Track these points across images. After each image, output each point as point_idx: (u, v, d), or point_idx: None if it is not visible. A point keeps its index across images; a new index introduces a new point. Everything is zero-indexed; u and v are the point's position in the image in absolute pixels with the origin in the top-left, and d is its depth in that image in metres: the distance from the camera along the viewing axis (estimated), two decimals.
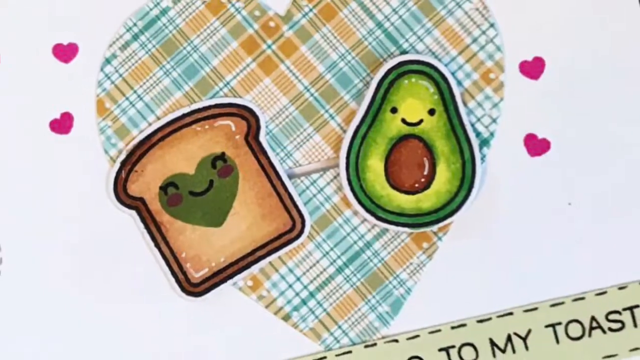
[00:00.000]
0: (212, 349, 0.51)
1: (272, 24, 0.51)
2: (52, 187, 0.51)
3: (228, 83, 0.52)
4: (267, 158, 0.51)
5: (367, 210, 0.51)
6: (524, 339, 0.51)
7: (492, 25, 0.52)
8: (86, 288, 0.51)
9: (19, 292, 0.51)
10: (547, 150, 0.51)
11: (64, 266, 0.51)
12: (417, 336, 0.51)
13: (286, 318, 0.51)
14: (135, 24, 0.52)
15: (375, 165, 0.51)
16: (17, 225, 0.52)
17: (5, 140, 0.51)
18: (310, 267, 0.51)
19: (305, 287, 0.52)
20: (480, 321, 0.51)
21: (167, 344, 0.51)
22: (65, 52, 0.51)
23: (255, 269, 0.51)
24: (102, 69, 0.52)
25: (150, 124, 0.51)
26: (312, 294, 0.51)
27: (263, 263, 0.51)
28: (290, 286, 0.51)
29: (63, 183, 0.51)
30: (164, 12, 0.52)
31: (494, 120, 0.52)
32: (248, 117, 0.51)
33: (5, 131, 0.51)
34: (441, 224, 0.51)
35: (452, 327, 0.51)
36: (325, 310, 0.51)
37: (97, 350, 0.51)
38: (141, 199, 0.51)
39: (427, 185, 0.51)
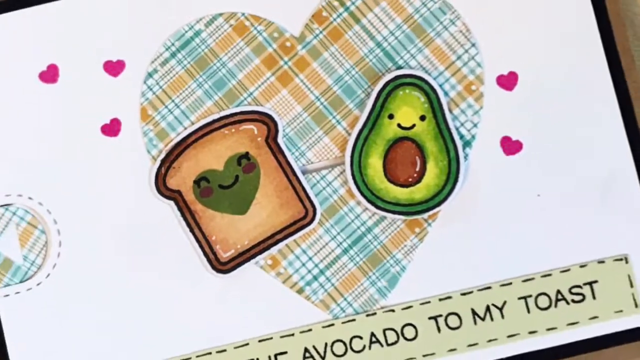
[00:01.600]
0: (238, 317, 0.53)
1: (288, 44, 0.54)
2: (103, 181, 0.53)
3: (251, 93, 0.54)
4: (284, 157, 0.53)
5: (368, 201, 0.53)
6: (500, 309, 0.53)
7: (473, 45, 0.54)
8: (132, 267, 0.53)
9: (76, 271, 0.53)
10: (520, 150, 0.53)
11: (113, 248, 0.53)
12: (411, 307, 0.53)
13: (300, 291, 0.53)
14: (173, 44, 0.53)
15: (375, 163, 0.53)
16: (74, 213, 0.53)
17: (64, 142, 0.54)
18: (321, 249, 0.53)
19: (316, 265, 0.53)
20: (464, 294, 0.53)
21: (200, 314, 0.53)
22: (114, 68, 0.53)
23: (274, 250, 0.53)
24: (145, 82, 0.54)
25: (185, 128, 0.54)
26: (322, 271, 0.53)
27: (281, 245, 0.53)
28: (303, 265, 0.53)
29: (112, 178, 0.53)
30: (197, 34, 0.53)
31: (475, 125, 0.54)
32: (268, 122, 0.53)
33: (63, 134, 0.54)
34: (431, 212, 0.53)
35: (440, 299, 0.53)
36: (333, 285, 0.53)
37: (140, 318, 0.53)
38: (178, 191, 0.53)
39: (418, 180, 0.53)
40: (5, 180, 0.53)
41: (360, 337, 0.53)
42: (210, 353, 0.52)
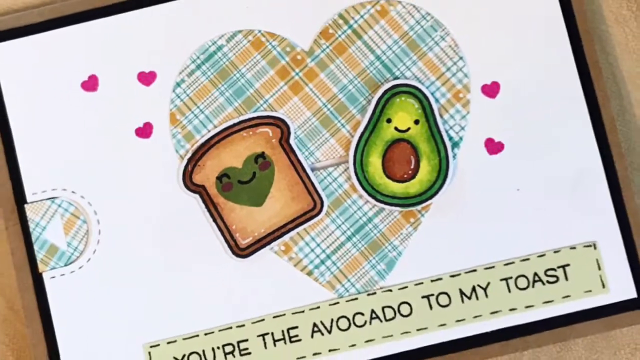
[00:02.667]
0: (255, 296, 0.54)
1: (299, 57, 0.55)
2: (137, 177, 0.54)
3: (267, 100, 0.55)
4: (296, 156, 0.54)
5: (369, 195, 0.54)
6: (485, 289, 0.54)
7: (461, 58, 0.55)
8: (162, 252, 0.54)
9: (113, 255, 0.54)
10: (502, 150, 0.55)
11: (146, 236, 0.54)
12: (406, 287, 0.54)
13: (309, 274, 0.54)
14: (198, 57, 0.55)
15: (374, 161, 0.54)
16: (111, 205, 0.54)
17: (103, 143, 0.54)
18: (327, 236, 0.55)
19: (323, 251, 0.55)
20: (453, 276, 0.54)
21: (222, 293, 0.54)
22: (147, 78, 0.55)
23: (286, 237, 0.54)
24: (174, 90, 0.54)
25: (209, 131, 0.54)
26: (328, 256, 0.54)
27: (292, 233, 0.54)
28: (312, 250, 0.55)
29: (145, 174, 0.54)
30: (220, 48, 0.55)
31: (462, 128, 0.55)
32: (281, 125, 0.54)
33: (102, 136, 0.54)
34: (424, 205, 0.54)
35: (432, 280, 0.54)
36: (338, 268, 0.54)
37: (169, 297, 0.54)
38: (203, 186, 0.54)
39: (413, 176, 0.54)
40: (51, 177, 0.54)
41: (362, 314, 0.54)
42: (230, 327, 0.54)
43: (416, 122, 0.54)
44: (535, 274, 0.55)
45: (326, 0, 0.55)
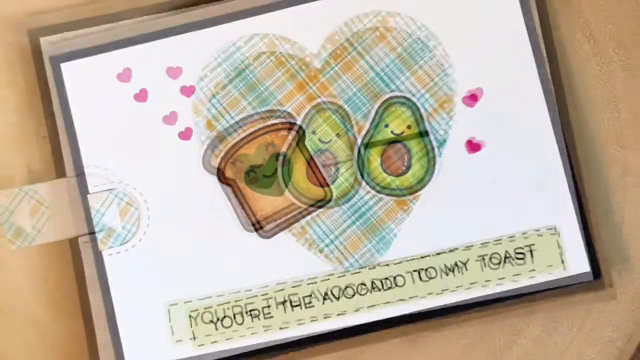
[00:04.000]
0: (277, 269, 0.58)
1: (312, 73, 0.59)
2: (180, 173, 0.58)
3: (286, 109, 0.58)
4: (310, 155, 0.58)
5: (370, 187, 0.58)
6: (465, 265, 0.58)
7: (446, 74, 0.59)
8: (200, 233, 0.58)
9: (161, 236, 0.58)
10: (480, 149, 0.58)
11: (187, 220, 0.58)
12: (400, 262, 0.58)
13: (321, 251, 0.59)
14: (230, 73, 0.59)
15: (375, 159, 0.58)
16: (159, 196, 0.58)
17: (153, 144, 0.58)
18: (336, 221, 0.59)
19: (332, 232, 0.58)
20: (438, 254, 0.58)
21: (250, 267, 0.58)
22: (187, 91, 0.58)
23: (302, 222, 0.58)
24: (209, 101, 0.58)
25: (238, 134, 0.58)
26: (337, 237, 0.58)
27: (308, 218, 0.58)
28: (323, 232, 0.58)
29: (186, 170, 0.58)
30: (248, 66, 0.59)
31: (447, 132, 0.58)
32: (298, 130, 0.58)
33: (152, 139, 0.58)
34: (415, 195, 0.58)
35: (421, 257, 0.58)
36: (345, 246, 0.58)
37: (208, 268, 0.58)
38: (233, 180, 0.58)
39: (406, 171, 0.58)
40: (110, 172, 0.58)
41: (365, 284, 0.58)
42: (256, 295, 0.58)
43: (409, 127, 0.59)
44: (506, 252, 0.59)
45: (335, 26, 0.58)
